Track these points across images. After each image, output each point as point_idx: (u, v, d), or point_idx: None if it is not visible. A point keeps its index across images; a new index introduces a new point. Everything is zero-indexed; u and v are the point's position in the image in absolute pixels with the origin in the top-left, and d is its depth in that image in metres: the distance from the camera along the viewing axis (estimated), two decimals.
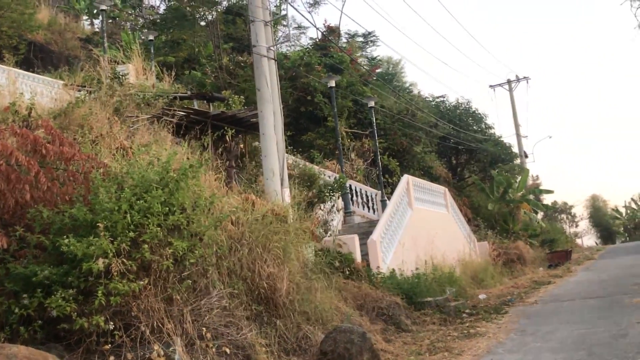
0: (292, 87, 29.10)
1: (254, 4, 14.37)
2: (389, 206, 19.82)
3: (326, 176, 20.15)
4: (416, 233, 20.21)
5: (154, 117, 14.42)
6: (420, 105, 36.95)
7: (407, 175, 22.60)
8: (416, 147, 32.57)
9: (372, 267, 15.76)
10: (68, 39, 34.59)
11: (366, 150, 29.67)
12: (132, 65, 21.37)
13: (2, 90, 14.77)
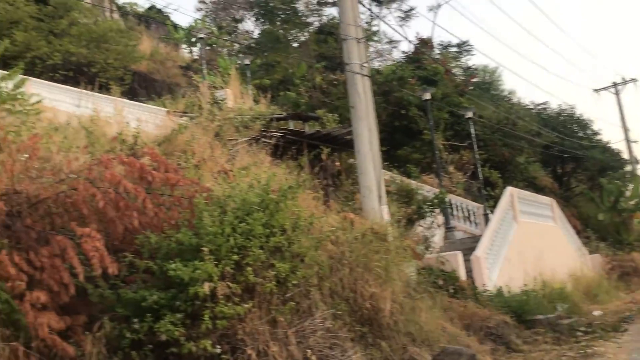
0: (385, 102, 28.95)
1: (345, 23, 14.41)
2: (493, 220, 19.19)
3: (424, 191, 19.80)
4: (522, 248, 19.42)
5: (252, 139, 14.74)
6: (520, 113, 35.74)
7: (510, 187, 21.85)
8: (518, 158, 31.49)
9: (477, 285, 15.26)
10: (169, 67, 36.19)
11: (465, 163, 28.98)
12: (230, 90, 22.04)
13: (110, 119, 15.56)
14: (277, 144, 14.97)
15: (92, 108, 15.01)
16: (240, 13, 50.99)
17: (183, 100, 20.03)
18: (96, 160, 8.17)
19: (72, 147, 9.54)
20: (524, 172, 32.05)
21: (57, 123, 16.51)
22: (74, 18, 32.01)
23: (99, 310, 6.99)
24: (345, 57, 14.39)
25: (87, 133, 11.48)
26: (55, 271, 6.58)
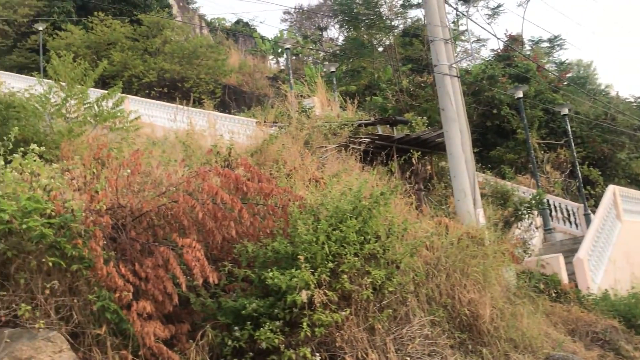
0: (475, 102, 28.35)
1: (432, 24, 14.22)
2: (595, 220, 18.33)
3: (520, 192, 19.18)
4: (628, 248, 18.42)
5: (341, 146, 14.79)
6: (620, 107, 34.00)
7: (612, 186, 20.81)
8: (619, 154, 29.95)
9: (580, 288, 14.60)
10: (257, 79, 37.01)
11: (562, 161, 27.87)
12: (317, 98, 22.24)
13: (204, 132, 16.05)
14: (366, 149, 14.96)
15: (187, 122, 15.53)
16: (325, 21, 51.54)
17: (272, 111, 20.37)
18: (194, 173, 8.44)
19: (170, 161, 9.89)
20: (626, 168, 30.44)
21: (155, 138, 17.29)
22: (167, 36, 33.44)
23: (201, 319, 7.20)
24: (434, 59, 14.19)
25: (183, 147, 11.89)
26: (159, 281, 6.82)
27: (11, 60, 33.52)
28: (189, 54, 32.17)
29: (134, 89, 29.55)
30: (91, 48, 32.01)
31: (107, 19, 33.40)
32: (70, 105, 15.39)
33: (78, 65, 16.22)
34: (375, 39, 33.25)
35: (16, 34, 34.78)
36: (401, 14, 33.06)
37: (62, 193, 6.90)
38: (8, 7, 34.94)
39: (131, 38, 33.17)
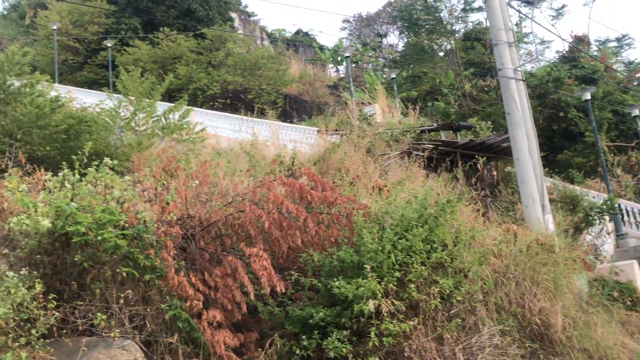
0: (541, 105, 27.64)
1: (495, 27, 13.95)
2: None
3: (590, 197, 18.54)
4: None
5: (404, 152, 14.67)
6: None
7: None
8: None
9: None
10: (317, 87, 37.24)
11: (634, 164, 26.79)
12: (378, 105, 22.16)
13: (267, 142, 16.24)
14: (429, 156, 14.78)
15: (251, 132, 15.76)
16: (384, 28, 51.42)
17: (333, 119, 20.43)
18: (259, 183, 8.55)
19: (236, 171, 10.05)
20: None
21: (220, 148, 17.60)
22: (229, 49, 34.09)
23: (269, 328, 7.26)
24: (497, 63, 13.91)
25: (248, 157, 12.05)
26: (228, 290, 6.93)
27: (82, 76, 34.87)
28: (250, 66, 32.69)
29: (198, 101, 30.23)
30: (157, 62, 32.95)
31: (172, 34, 34.33)
32: (139, 119, 15.88)
33: (145, 80, 16.72)
34: (436, 44, 32.93)
35: (86, 51, 36.18)
36: (462, 18, 32.62)
37: (134, 205, 7.10)
38: (79, 25, 36.39)
39: (195, 52, 33.98)
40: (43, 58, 33.89)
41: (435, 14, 30.96)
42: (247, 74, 32.48)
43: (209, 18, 38.04)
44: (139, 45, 33.76)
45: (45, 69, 31.37)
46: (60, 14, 35.87)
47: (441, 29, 31.24)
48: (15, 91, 12.62)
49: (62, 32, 35.22)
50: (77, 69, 35.66)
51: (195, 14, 37.67)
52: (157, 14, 36.73)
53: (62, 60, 34.76)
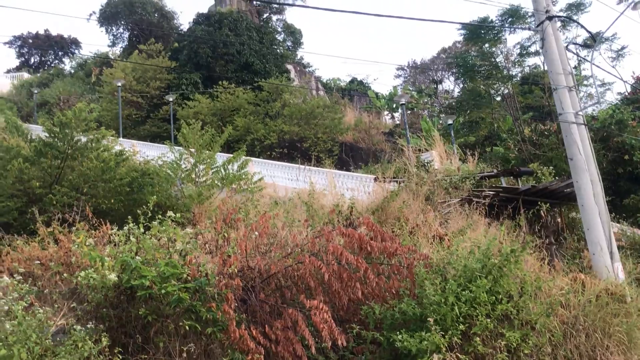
0: (604, 149, 26.88)
1: (554, 72, 13.77)
2: None
3: None
4: None
5: (464, 200, 14.46)
6: None
7: None
8: None
9: None
10: (373, 135, 37.36)
11: None
12: (435, 151, 22.02)
13: (324, 191, 16.32)
14: (491, 203, 14.50)
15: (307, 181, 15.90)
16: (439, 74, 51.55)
17: (390, 166, 20.39)
18: (318, 233, 8.55)
19: (294, 222, 10.10)
20: None
21: (278, 198, 17.78)
22: (286, 100, 34.77)
23: None
24: (558, 107, 13.67)
25: (306, 207, 12.11)
26: (289, 343, 6.87)
27: (145, 130, 36.13)
28: (306, 115, 33.18)
29: (256, 151, 30.78)
30: (217, 115, 33.87)
31: (230, 87, 35.39)
32: (199, 170, 16.28)
33: (205, 132, 17.18)
34: (493, 89, 32.70)
35: (149, 105, 37.59)
36: (519, 63, 32.39)
37: (196, 257, 7.20)
38: (142, 81, 37.95)
39: (253, 103, 34.82)
40: (108, 113, 35.36)
41: (490, 59, 30.87)
42: (303, 123, 32.94)
43: (265, 71, 39.09)
44: (199, 99, 34.85)
45: (110, 124, 32.69)
46: (124, 71, 37.54)
47: (498, 74, 31.06)
48: (82, 147, 13.15)
49: (126, 88, 36.77)
50: (140, 123, 37.00)
51: (253, 67, 38.80)
52: (217, 69, 37.97)
53: (126, 115, 36.17)
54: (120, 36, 48.32)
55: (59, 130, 12.81)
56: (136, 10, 45.67)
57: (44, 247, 8.21)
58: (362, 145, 36.29)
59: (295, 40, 54.18)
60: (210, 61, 38.14)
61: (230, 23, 40.80)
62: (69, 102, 37.93)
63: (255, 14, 51.99)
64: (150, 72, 37.86)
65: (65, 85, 43.79)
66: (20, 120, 18.34)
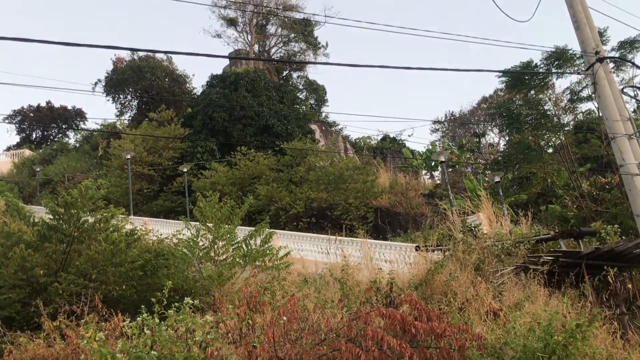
0: None
1: (610, 119, 13.76)
2: None
3: None
4: None
5: (519, 268, 14.24)
6: None
7: None
8: None
9: None
10: (411, 197, 37.30)
11: None
12: (483, 213, 21.89)
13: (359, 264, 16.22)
14: (550, 270, 14.24)
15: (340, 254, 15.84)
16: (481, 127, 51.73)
17: (432, 232, 20.26)
18: (354, 315, 8.46)
19: (327, 302, 10.03)
20: None
21: (307, 274, 17.72)
22: (311, 163, 35.08)
23: None
24: (617, 158, 13.59)
25: (339, 284, 12.04)
26: None
27: (158, 205, 36.67)
28: (335, 179, 33.38)
29: (281, 222, 30.91)
30: (236, 184, 34.31)
31: (250, 153, 35.94)
32: (218, 247, 16.37)
33: (224, 205, 17.34)
34: (543, 140, 32.63)
35: (162, 178, 38.31)
36: (570, 109, 32.38)
37: (218, 349, 7.16)
38: (153, 152, 38.80)
39: (275, 169, 35.24)
40: (117, 189, 36.04)
41: (538, 107, 30.94)
42: (332, 189, 33.11)
43: (288, 132, 39.70)
44: (216, 167, 35.43)
45: (120, 201, 33.29)
46: (134, 142, 38.49)
47: (547, 123, 31.06)
48: (89, 228, 13.38)
49: (136, 160, 37.60)
50: (153, 198, 37.61)
51: (274, 129, 39.47)
52: (234, 134, 38.72)
53: (136, 190, 36.84)
54: (128, 104, 49.84)
55: (64, 211, 13.08)
56: (145, 75, 47.17)
57: (50, 343, 8.26)
58: (399, 209, 36.20)
59: (318, 98, 55.16)
60: (226, 126, 38.96)
61: (247, 83, 41.86)
62: (74, 180, 38.83)
63: (273, 72, 53.36)
64: (162, 142, 38.77)
65: (70, 161, 44.94)
66: (22, 202, 18.80)
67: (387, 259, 20.32)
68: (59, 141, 56.01)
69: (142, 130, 40.09)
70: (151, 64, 47.48)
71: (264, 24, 56.00)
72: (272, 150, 36.94)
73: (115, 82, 47.89)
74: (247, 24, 54.99)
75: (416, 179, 44.99)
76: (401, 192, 38.12)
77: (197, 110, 41.53)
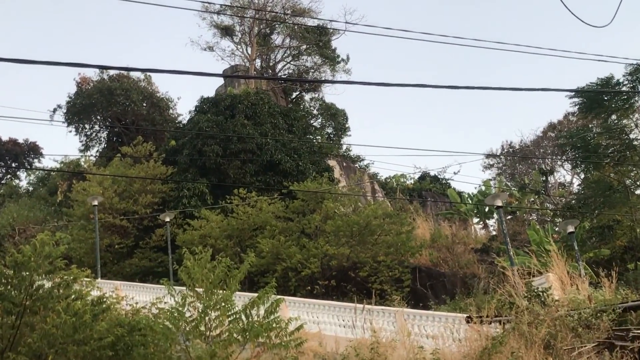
0: None
1: None
2: None
3: None
4: None
5: (602, 344, 14.07)
6: None
7: None
8: None
9: None
10: (459, 253, 37.07)
11: None
12: (553, 274, 21.68)
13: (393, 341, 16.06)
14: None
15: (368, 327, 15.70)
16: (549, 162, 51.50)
17: (487, 299, 20.08)
18: None
19: None
20: None
21: (325, 354, 17.56)
22: (329, 210, 34.92)
23: None
24: None
25: None
26: None
27: (132, 265, 36.62)
28: (360, 230, 33.20)
29: (291, 287, 30.73)
30: (232, 238, 34.24)
31: (250, 197, 35.83)
32: (210, 319, 16.25)
33: (218, 264, 17.27)
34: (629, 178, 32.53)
35: (137, 230, 38.27)
36: None
37: None
38: (127, 197, 38.81)
39: (283, 218, 35.14)
40: (81, 245, 36.12)
41: (621, 136, 30.89)
42: (356, 243, 32.91)
43: (298, 171, 39.70)
44: (207, 216, 35.37)
45: (84, 259, 33.33)
46: (103, 184, 38.58)
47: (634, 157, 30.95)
48: (45, 295, 13.37)
49: (105, 207, 37.65)
50: (126, 256, 37.57)
51: (280, 166, 39.49)
52: (230, 172, 38.82)
53: (105, 246, 36.86)
54: (95, 136, 50.24)
55: (13, 273, 13.09)
56: (117, 99, 47.54)
57: None
58: (443, 269, 35.98)
59: (338, 126, 55.30)
60: (220, 162, 39.07)
61: (247, 108, 42.09)
62: (26, 233, 39.01)
63: (280, 93, 53.70)
64: (138, 184, 38.88)
65: (21, 209, 45.14)
66: None
67: (430, 334, 20.09)
68: (7, 184, 56.48)
69: (113, 169, 40.30)
70: (125, 85, 47.86)
71: (267, 33, 56.53)
72: (278, 193, 36.93)
73: (79, 108, 48.22)
74: (247, 33, 55.47)
75: (465, 230, 44.81)
76: (446, 247, 37.92)
77: (183, 143, 41.67)
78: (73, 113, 48.44)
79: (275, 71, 56.20)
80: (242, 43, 55.92)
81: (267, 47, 56.05)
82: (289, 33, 55.66)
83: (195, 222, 35.20)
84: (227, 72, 52.16)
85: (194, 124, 42.44)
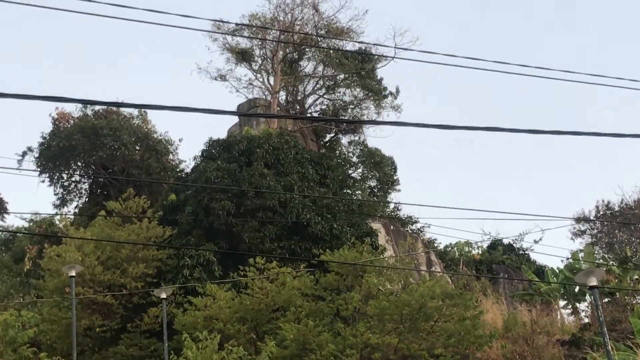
0: None
1: None
2: None
3: None
4: None
5: None
6: None
7: None
8: None
9: None
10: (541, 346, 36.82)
11: None
12: None
13: None
14: None
15: None
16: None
17: None
18: None
19: None
20: None
21: None
22: (371, 286, 34.74)
23: None
24: None
25: None
26: None
27: (118, 354, 36.54)
28: (411, 314, 33.04)
29: None
30: (246, 321, 34.12)
31: (270, 268, 35.73)
32: None
33: (227, 354, 17.30)
34: None
35: (125, 308, 38.23)
36: None
37: None
38: (112, 265, 38.80)
39: (312, 296, 34.99)
40: (52, 327, 36.05)
41: None
42: (407, 330, 32.78)
43: (332, 235, 39.56)
44: (214, 291, 35.29)
45: (56, 346, 33.32)
46: (82, 249, 38.55)
47: None
48: None
49: (85, 279, 37.62)
50: (110, 342, 37.55)
51: (310, 229, 39.32)
52: (244, 236, 38.72)
53: (84, 329, 36.83)
54: (74, 188, 50.41)
55: None
56: (103, 141, 47.73)
57: None
58: None
59: (384, 178, 55.27)
60: (232, 223, 39.05)
61: (268, 154, 42.15)
62: None
63: (310, 135, 53.76)
64: (127, 249, 38.91)
65: None
66: None
67: None
68: None
69: (96, 230, 40.39)
70: (113, 124, 48.13)
71: (295, 58, 56.72)
72: (306, 264, 36.83)
73: (55, 151, 48.41)
74: (269, 59, 55.53)
75: (548, 316, 44.42)
76: (524, 338, 37.68)
77: (185, 197, 41.82)
78: (47, 158, 48.60)
79: (304, 107, 56.32)
80: (263, 71, 56.09)
81: (295, 76, 56.22)
82: (322, 59, 55.70)
83: (199, 299, 35.12)
84: (243, 108, 52.34)
85: (199, 173, 42.53)
